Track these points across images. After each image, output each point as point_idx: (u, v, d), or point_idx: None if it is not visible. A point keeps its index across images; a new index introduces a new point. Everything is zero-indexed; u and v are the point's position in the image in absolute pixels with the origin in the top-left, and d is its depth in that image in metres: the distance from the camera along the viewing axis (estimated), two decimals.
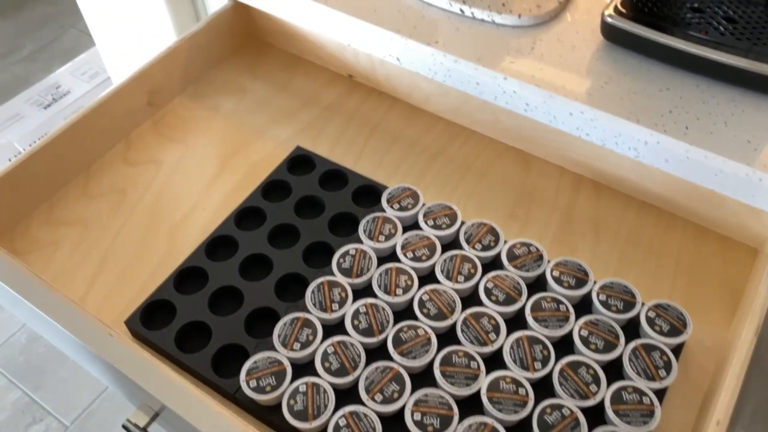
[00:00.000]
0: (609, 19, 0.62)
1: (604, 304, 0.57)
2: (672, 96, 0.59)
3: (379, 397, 0.51)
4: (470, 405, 0.52)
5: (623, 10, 0.62)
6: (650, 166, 0.59)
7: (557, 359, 0.54)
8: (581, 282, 0.58)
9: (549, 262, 0.60)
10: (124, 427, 0.59)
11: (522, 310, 0.57)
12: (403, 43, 0.67)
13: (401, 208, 0.65)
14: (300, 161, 0.74)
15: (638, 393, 0.51)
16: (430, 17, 0.69)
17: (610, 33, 0.63)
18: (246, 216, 0.68)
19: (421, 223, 0.63)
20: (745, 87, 0.59)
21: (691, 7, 0.62)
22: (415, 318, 0.56)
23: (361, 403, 0.51)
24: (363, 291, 0.60)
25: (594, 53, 0.64)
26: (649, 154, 0.58)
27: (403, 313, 0.59)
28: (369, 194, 0.70)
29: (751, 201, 0.55)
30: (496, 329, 0.55)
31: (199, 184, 0.73)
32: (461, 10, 0.68)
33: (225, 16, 0.85)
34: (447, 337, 0.57)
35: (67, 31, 2.08)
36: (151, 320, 0.60)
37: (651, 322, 0.56)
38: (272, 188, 0.71)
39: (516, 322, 0.57)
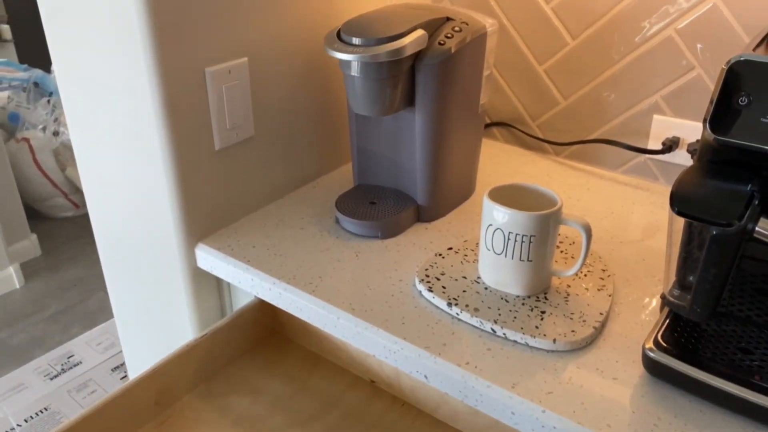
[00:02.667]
0: (651, 354, 0.58)
1: None
2: None
3: None
4: None
5: (665, 345, 0.59)
6: None
7: None
8: None
9: None
10: None
11: None
12: (432, 361, 0.64)
13: None
14: None
15: None
16: (460, 334, 0.67)
17: (653, 368, 0.59)
18: None
19: None
20: None
21: (739, 347, 0.59)
22: None
23: None
24: None
25: (638, 388, 0.59)
26: None
27: None
28: None
29: None
30: None
31: None
32: (493, 330, 0.66)
33: (250, 313, 0.84)
34: None
35: (94, 295, 2.13)
36: None
37: None
38: None
39: None
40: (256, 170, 0.87)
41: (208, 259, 0.81)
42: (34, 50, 3.39)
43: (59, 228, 2.53)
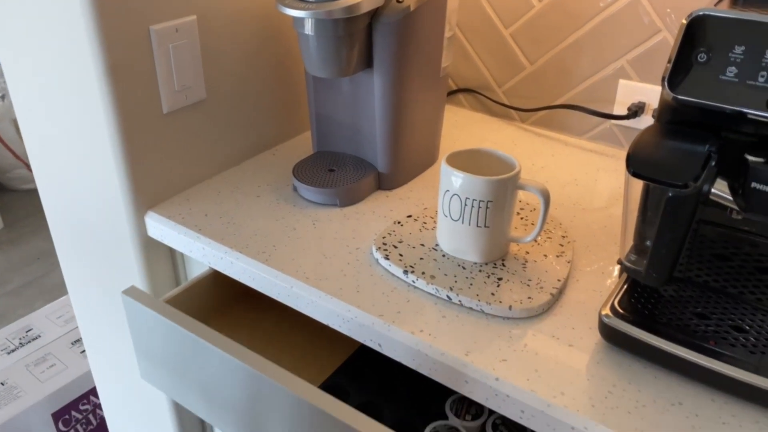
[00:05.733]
0: (607, 320, 0.57)
1: None
2: (686, 412, 0.52)
3: None
4: None
5: (621, 311, 0.58)
6: None
7: None
8: None
9: None
10: None
11: None
12: (386, 329, 0.62)
13: None
14: None
15: None
16: (415, 302, 0.65)
17: (609, 335, 0.58)
18: None
19: None
20: (766, 407, 0.52)
21: (695, 312, 0.58)
22: None
23: None
24: None
25: (593, 355, 0.58)
26: None
27: None
28: None
29: None
30: None
31: None
32: (448, 297, 0.65)
33: (208, 280, 0.82)
34: None
35: (57, 268, 2.08)
36: None
37: None
38: None
39: None
40: (209, 135, 0.84)
41: (159, 227, 0.78)
42: None
43: (22, 200, 2.46)
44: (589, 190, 0.86)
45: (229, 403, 0.66)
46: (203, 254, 0.74)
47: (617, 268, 0.70)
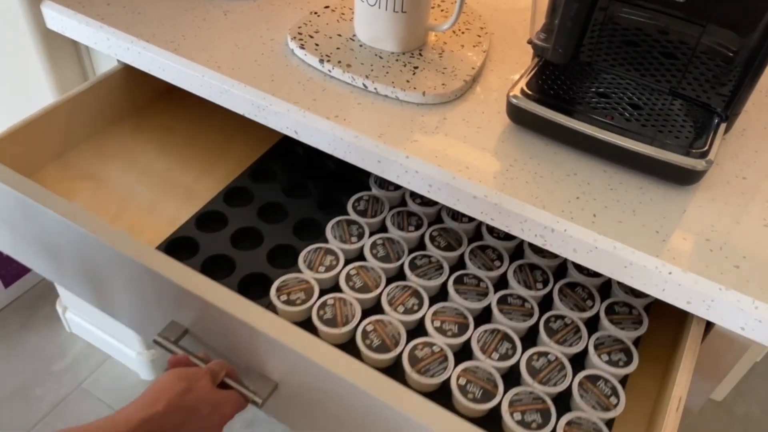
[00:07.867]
0: (514, 101, 0.59)
1: None
2: (579, 181, 0.56)
3: (401, 308, 0.63)
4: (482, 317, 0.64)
5: (529, 92, 0.59)
6: None
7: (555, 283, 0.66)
8: None
9: None
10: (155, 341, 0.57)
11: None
12: (301, 116, 0.62)
13: None
14: None
15: (627, 306, 0.64)
16: (331, 90, 0.65)
17: (515, 115, 0.60)
18: None
19: None
20: (651, 174, 0.57)
21: (597, 92, 0.60)
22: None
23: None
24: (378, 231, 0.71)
25: (500, 135, 0.61)
26: (556, 242, 0.54)
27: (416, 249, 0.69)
28: None
29: (661, 295, 0.52)
30: (500, 258, 0.69)
31: None
32: (364, 85, 0.65)
33: (120, 75, 0.78)
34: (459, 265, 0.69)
35: None
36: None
37: None
38: None
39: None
40: None
41: (58, 17, 0.73)
42: None
43: None
44: None
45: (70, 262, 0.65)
46: (108, 45, 0.70)
47: (531, 57, 0.71)
